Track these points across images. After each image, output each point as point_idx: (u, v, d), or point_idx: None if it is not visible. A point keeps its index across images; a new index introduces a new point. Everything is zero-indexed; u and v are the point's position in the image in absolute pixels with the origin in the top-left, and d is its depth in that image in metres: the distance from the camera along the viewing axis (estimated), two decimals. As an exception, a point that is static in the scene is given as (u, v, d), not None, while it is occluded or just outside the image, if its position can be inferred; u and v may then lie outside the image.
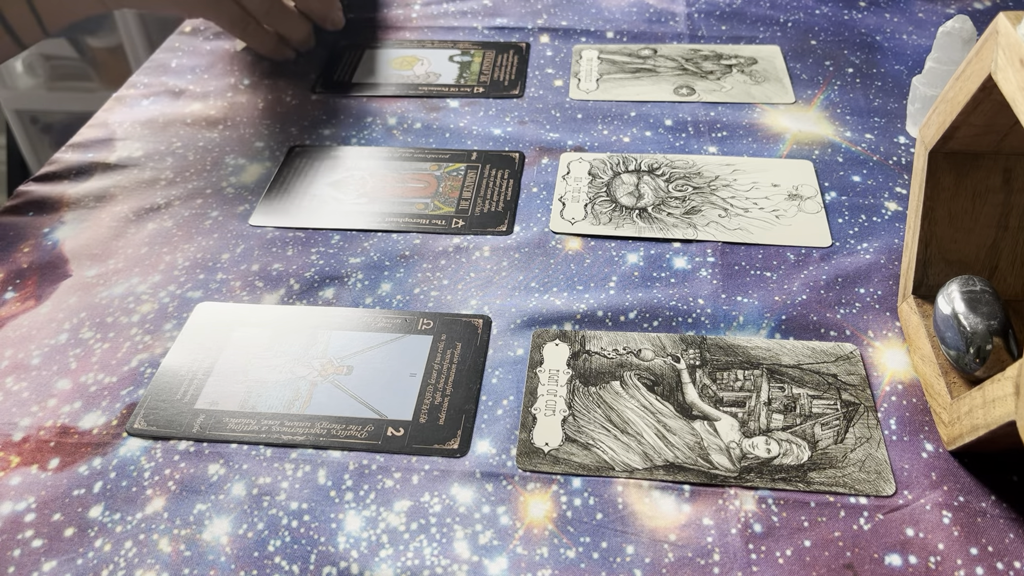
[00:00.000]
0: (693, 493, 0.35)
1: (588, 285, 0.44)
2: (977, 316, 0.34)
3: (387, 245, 0.47)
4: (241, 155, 0.55)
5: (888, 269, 0.44)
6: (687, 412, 0.38)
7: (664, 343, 0.41)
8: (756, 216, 0.48)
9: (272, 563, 0.33)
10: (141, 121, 0.59)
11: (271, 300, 0.44)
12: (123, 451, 0.37)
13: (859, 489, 0.34)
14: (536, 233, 0.48)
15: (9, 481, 0.36)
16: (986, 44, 0.32)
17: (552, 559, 0.33)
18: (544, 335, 0.41)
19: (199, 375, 0.40)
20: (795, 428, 0.37)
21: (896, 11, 0.67)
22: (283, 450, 0.37)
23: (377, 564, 0.33)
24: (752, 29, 0.65)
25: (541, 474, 0.36)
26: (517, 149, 0.54)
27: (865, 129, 0.54)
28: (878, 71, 0.60)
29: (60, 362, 0.41)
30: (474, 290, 0.44)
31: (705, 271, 0.45)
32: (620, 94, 0.59)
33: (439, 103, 0.59)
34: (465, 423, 0.38)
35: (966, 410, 0.33)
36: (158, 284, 0.46)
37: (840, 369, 0.39)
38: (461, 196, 0.51)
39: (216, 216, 0.50)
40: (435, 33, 0.67)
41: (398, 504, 0.35)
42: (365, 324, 0.43)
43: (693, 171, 0.51)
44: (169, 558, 0.33)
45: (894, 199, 0.49)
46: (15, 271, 0.47)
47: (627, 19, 0.68)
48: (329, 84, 0.62)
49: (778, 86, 0.59)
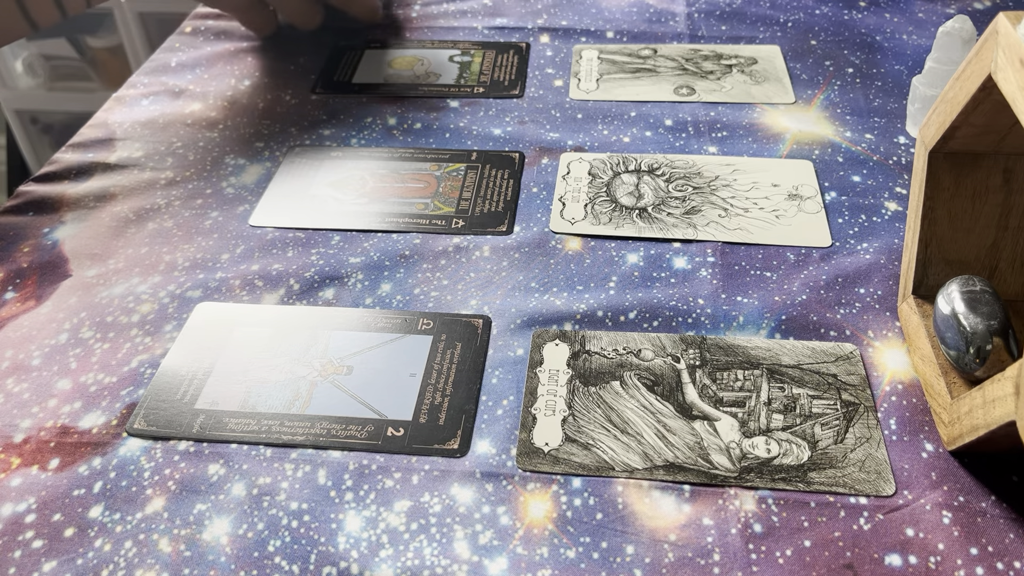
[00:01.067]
0: (693, 493, 0.35)
1: (588, 285, 0.44)
2: (977, 316, 0.34)
3: (387, 245, 0.47)
4: (241, 155, 0.55)
5: (888, 269, 0.44)
6: (687, 412, 0.38)
7: (664, 343, 0.41)
8: (756, 216, 0.48)
9: (272, 563, 0.33)
10: (141, 121, 0.59)
11: (271, 300, 0.44)
12: (123, 451, 0.37)
13: (859, 489, 0.34)
14: (536, 233, 0.48)
15: (10, 482, 0.36)
16: (986, 44, 0.32)
17: (552, 559, 0.33)
18: (544, 335, 0.41)
19: (199, 375, 0.40)
20: (795, 428, 0.37)
21: (896, 11, 0.67)
22: (283, 450, 0.37)
23: (377, 564, 0.33)
24: (752, 29, 0.65)
25: (541, 474, 0.36)
26: (517, 149, 0.54)
27: (865, 129, 0.54)
28: (878, 71, 0.60)
29: (60, 362, 0.41)
30: (474, 290, 0.44)
31: (705, 271, 0.45)
32: (620, 94, 0.59)
33: (439, 103, 0.59)
34: (465, 423, 0.38)
35: (966, 410, 0.33)
36: (158, 284, 0.46)
37: (840, 369, 0.39)
38: (461, 196, 0.51)
39: (216, 216, 0.50)
40: (435, 33, 0.67)
41: (398, 504, 0.35)
42: (365, 324, 0.43)
43: (693, 171, 0.51)
44: (169, 558, 0.33)
45: (894, 199, 0.49)
46: (15, 271, 0.47)
47: (627, 19, 0.68)
48: (329, 84, 0.62)
49: (778, 86, 0.59)
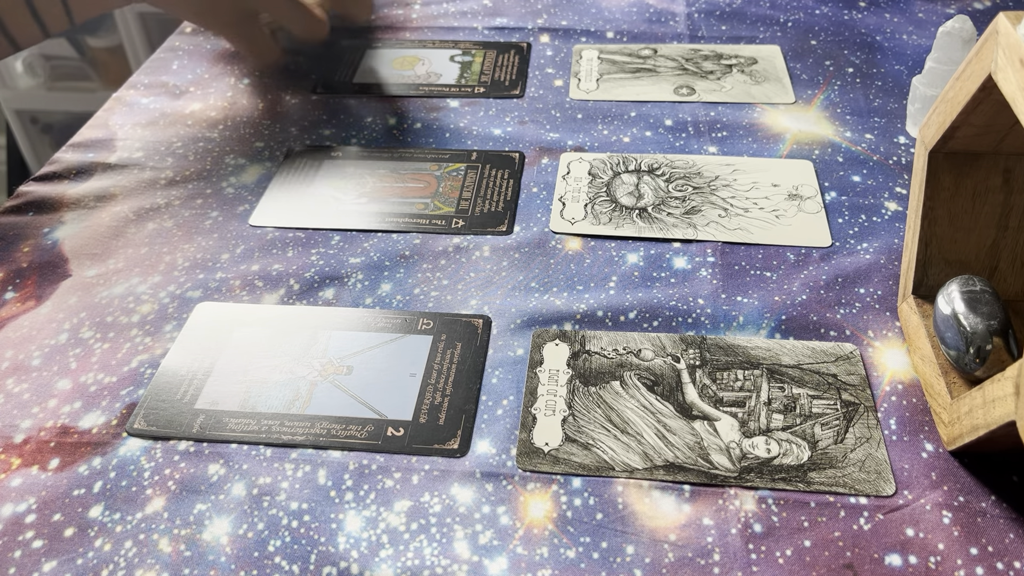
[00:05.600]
0: (693, 493, 0.35)
1: (588, 285, 0.44)
2: (977, 316, 0.34)
3: (387, 245, 0.47)
4: (241, 155, 0.55)
5: (888, 269, 0.44)
6: (687, 412, 0.38)
7: (664, 343, 0.41)
8: (756, 216, 0.48)
9: (272, 563, 0.33)
10: (141, 121, 0.59)
11: (271, 300, 0.44)
12: (123, 451, 0.37)
13: (859, 489, 0.34)
14: (536, 233, 0.48)
15: (10, 483, 0.36)
16: (986, 44, 0.32)
17: (552, 559, 0.33)
18: (544, 335, 0.41)
19: (199, 375, 0.40)
20: (795, 428, 0.37)
21: (896, 11, 0.67)
22: (283, 450, 0.37)
23: (377, 564, 0.33)
24: (752, 29, 0.65)
25: (541, 474, 0.36)
26: (517, 149, 0.54)
27: (865, 129, 0.54)
28: (878, 71, 0.60)
29: (60, 362, 0.41)
30: (474, 290, 0.44)
31: (705, 271, 0.45)
32: (620, 94, 0.59)
33: (439, 103, 0.59)
34: (465, 423, 0.38)
35: (966, 410, 0.33)
36: (158, 284, 0.46)
37: (840, 369, 0.39)
38: (461, 196, 0.51)
39: (216, 216, 0.50)
40: (435, 33, 0.67)
41: (398, 504, 0.35)
42: (365, 324, 0.43)
43: (693, 171, 0.51)
44: (169, 558, 0.33)
45: (894, 199, 0.49)
46: (15, 271, 0.47)
47: (627, 19, 0.68)
48: (329, 84, 0.62)
49: (778, 86, 0.59)
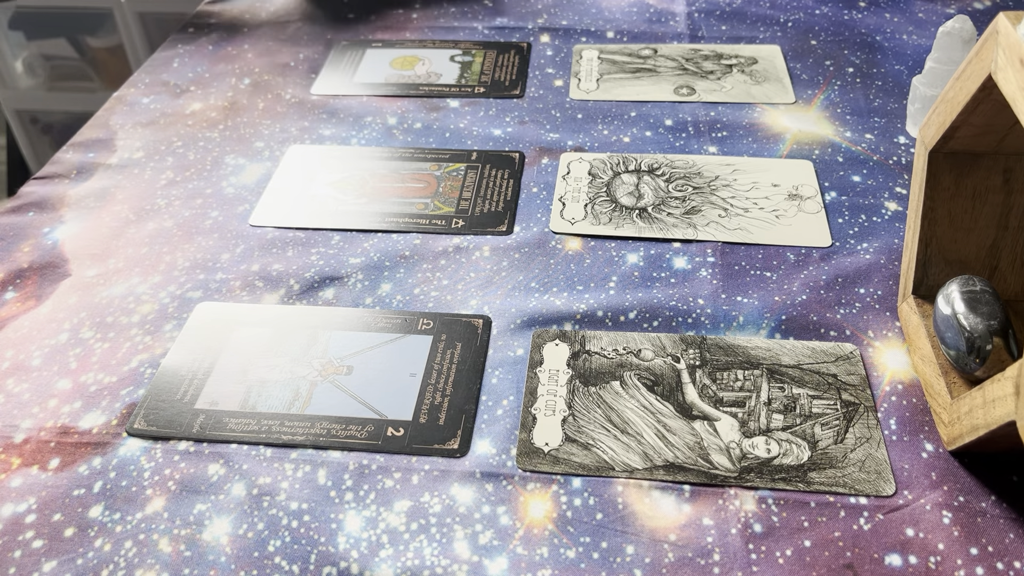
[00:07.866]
0: (693, 493, 0.35)
1: (588, 285, 0.44)
2: (977, 316, 0.34)
3: (387, 245, 0.47)
4: (241, 155, 0.55)
5: (888, 269, 0.44)
6: (687, 412, 0.38)
7: (664, 343, 0.41)
8: (756, 216, 0.48)
9: (272, 563, 0.33)
10: (141, 121, 0.59)
11: (271, 300, 0.44)
12: (123, 451, 0.37)
13: (859, 489, 0.34)
14: (536, 233, 0.48)
15: (10, 483, 0.36)
16: (986, 44, 0.32)
17: (552, 559, 0.33)
18: (544, 335, 0.41)
19: (199, 375, 0.40)
20: (795, 428, 0.37)
21: (896, 11, 0.67)
22: (283, 450, 0.37)
23: (377, 564, 0.33)
24: (752, 29, 0.65)
25: (541, 474, 0.36)
26: (517, 149, 0.54)
27: (865, 129, 0.54)
28: (878, 71, 0.60)
29: (60, 362, 0.41)
30: (474, 290, 0.44)
31: (705, 271, 0.45)
32: (620, 94, 0.59)
33: (439, 103, 0.59)
34: (465, 423, 0.38)
35: (966, 410, 0.33)
36: (158, 284, 0.46)
37: (840, 369, 0.39)
38: (461, 196, 0.51)
39: (216, 216, 0.50)
40: (436, 33, 0.67)
41: (398, 504, 0.35)
42: (365, 324, 0.43)
43: (693, 171, 0.51)
44: (169, 558, 0.33)
45: (894, 199, 0.49)
46: (15, 271, 0.47)
47: (627, 19, 0.68)
48: (329, 84, 0.62)
49: (778, 86, 0.59)
